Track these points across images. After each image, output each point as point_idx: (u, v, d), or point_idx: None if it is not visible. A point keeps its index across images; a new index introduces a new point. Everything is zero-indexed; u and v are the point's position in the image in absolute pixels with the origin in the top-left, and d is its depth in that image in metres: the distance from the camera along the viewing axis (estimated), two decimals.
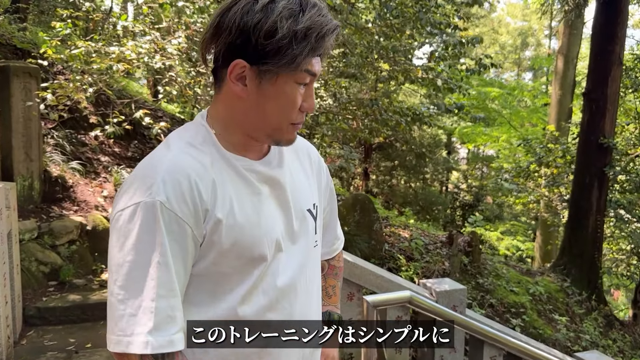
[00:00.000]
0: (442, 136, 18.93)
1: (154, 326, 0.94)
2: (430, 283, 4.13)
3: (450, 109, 5.33)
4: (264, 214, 1.08)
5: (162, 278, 0.95)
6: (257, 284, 1.07)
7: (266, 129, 1.06)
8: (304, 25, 0.97)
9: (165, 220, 0.95)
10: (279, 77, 1.00)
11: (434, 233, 8.70)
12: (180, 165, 0.99)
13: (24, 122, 5.24)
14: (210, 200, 1.00)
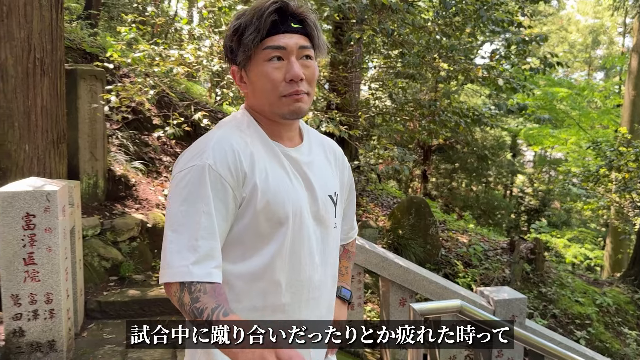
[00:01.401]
0: (507, 138, 18.31)
1: (196, 260, 1.13)
2: (488, 291, 3.99)
3: (512, 109, 5.10)
4: (292, 188, 1.26)
5: (205, 223, 1.15)
6: (284, 245, 1.25)
7: (265, 108, 1.27)
8: (247, 16, 1.21)
9: (211, 179, 1.16)
10: (252, 63, 1.24)
11: (494, 239, 8.40)
12: (226, 139, 1.22)
13: (89, 123, 5.47)
14: (249, 168, 1.21)
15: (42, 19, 4.49)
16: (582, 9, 27.30)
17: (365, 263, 3.77)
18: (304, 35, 1.24)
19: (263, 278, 1.25)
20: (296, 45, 1.22)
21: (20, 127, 4.49)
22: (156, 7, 12.87)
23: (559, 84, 17.03)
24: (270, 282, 1.25)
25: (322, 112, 5.20)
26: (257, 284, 1.25)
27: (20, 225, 3.15)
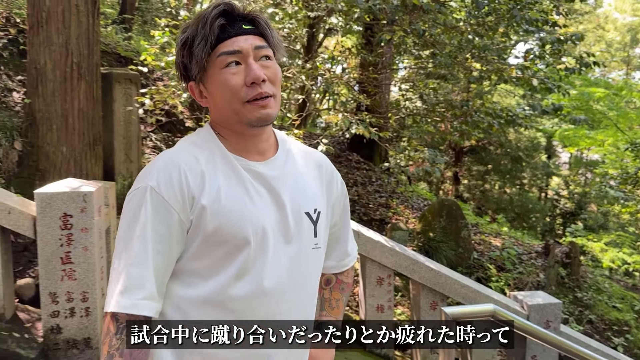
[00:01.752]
0: (541, 139, 17.92)
1: (124, 289, 1.06)
2: (522, 296, 3.91)
3: (546, 110, 5.00)
4: (251, 206, 1.14)
5: (137, 249, 1.07)
6: (243, 271, 1.13)
7: (230, 118, 1.16)
8: (192, 26, 1.13)
9: (153, 201, 1.08)
10: (207, 74, 1.15)
11: (528, 242, 8.24)
12: (174, 158, 1.13)
13: (124, 125, 5.59)
14: (198, 189, 1.11)
15: (79, 24, 4.62)
16: (620, 7, 26.54)
17: (395, 265, 3.74)
18: (258, 36, 1.15)
19: (220, 306, 1.13)
20: (251, 46, 1.13)
21: (58, 129, 4.62)
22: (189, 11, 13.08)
23: (596, 84, 16.56)
24: (228, 311, 1.14)
25: (352, 114, 5.19)
26: (213, 313, 1.14)
27: (58, 225, 3.24)
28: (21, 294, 3.83)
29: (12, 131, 4.65)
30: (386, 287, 3.82)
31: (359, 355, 3.64)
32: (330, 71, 5.60)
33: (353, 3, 4.59)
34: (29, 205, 3.48)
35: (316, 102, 11.96)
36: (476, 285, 3.96)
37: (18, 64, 5.90)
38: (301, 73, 5.22)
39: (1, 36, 5.90)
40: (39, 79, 4.57)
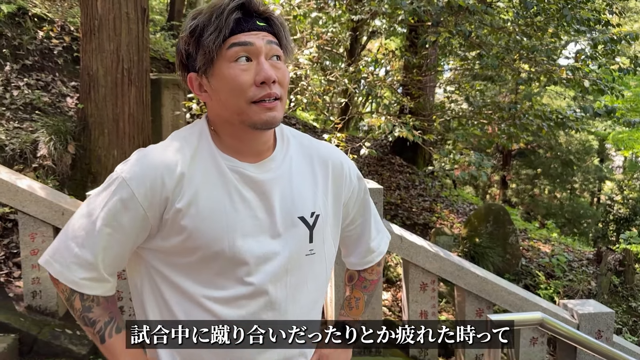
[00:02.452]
0: (594, 142, 17.32)
1: (69, 264, 1.11)
2: (572, 304, 3.78)
3: (599, 112, 4.81)
4: (233, 212, 1.10)
5: (89, 233, 1.09)
6: (220, 277, 1.10)
7: (233, 117, 1.10)
8: (204, 15, 1.07)
9: (121, 192, 1.07)
10: (214, 67, 1.08)
11: (579, 249, 7.96)
12: (155, 155, 1.10)
13: (172, 129, 5.72)
14: (174, 190, 1.07)
15: (130, 32, 4.77)
16: None
17: (440, 271, 3.68)
18: (271, 34, 1.10)
19: (201, 307, 1.11)
20: (263, 42, 1.07)
21: (109, 133, 4.78)
22: None
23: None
24: (208, 313, 1.11)
25: (395, 117, 5.15)
26: (196, 313, 1.11)
27: None
28: None
29: (66, 135, 4.84)
30: (430, 293, 3.76)
31: (401, 359, 3.60)
32: (373, 74, 5.57)
33: (397, 5, 4.55)
34: None
35: (359, 106, 11.94)
36: (524, 293, 3.85)
37: (72, 70, 6.15)
38: (344, 76, 5.22)
39: (56, 44, 6.16)
40: (91, 85, 4.74)
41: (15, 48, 5.76)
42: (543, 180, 16.22)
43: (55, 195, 3.62)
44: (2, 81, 5.42)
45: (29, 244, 3.47)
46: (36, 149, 4.80)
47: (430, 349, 3.75)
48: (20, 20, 6.03)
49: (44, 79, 5.82)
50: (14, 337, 3.25)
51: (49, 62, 6.02)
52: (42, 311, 3.52)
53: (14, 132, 4.92)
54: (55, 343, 3.32)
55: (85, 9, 4.72)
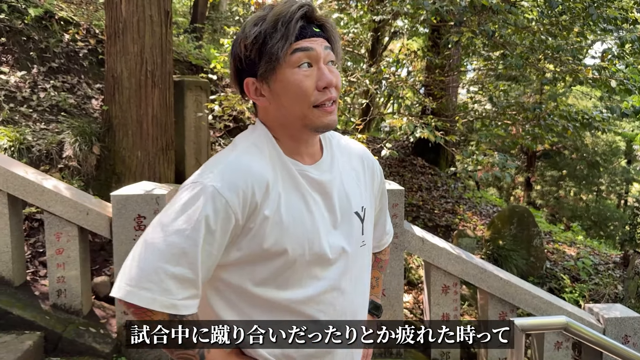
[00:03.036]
0: (621, 143, 16.96)
1: (164, 288, 1.03)
2: (598, 308, 3.70)
3: (626, 112, 4.71)
4: (309, 216, 1.15)
5: (185, 249, 1.04)
6: (300, 278, 1.14)
7: (295, 122, 1.14)
8: (269, 21, 1.09)
9: (215, 203, 1.05)
10: (277, 72, 1.10)
11: (606, 252, 7.79)
12: (240, 163, 1.11)
13: (195, 131, 5.78)
14: (262, 197, 1.09)
15: (153, 34, 4.83)
16: None
17: (462, 274, 3.64)
18: (325, 39, 1.14)
19: (283, 311, 1.15)
20: (322, 47, 1.12)
21: (133, 135, 4.84)
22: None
23: None
24: (290, 313, 1.16)
25: (417, 118, 5.11)
26: (271, 314, 1.15)
27: (132, 226, 3.39)
28: (97, 291, 4.03)
29: (91, 136, 4.92)
30: (452, 296, 3.72)
31: None
32: (394, 75, 5.54)
33: (419, 5, 4.53)
34: (106, 207, 3.66)
35: (380, 106, 11.89)
36: (548, 296, 3.78)
37: (97, 72, 6.25)
38: (365, 77, 5.20)
39: (82, 46, 6.27)
40: (115, 87, 4.81)
41: (42, 51, 5.88)
42: (568, 182, 15.95)
43: (80, 195, 3.68)
44: (30, 83, 5.53)
45: (55, 243, 3.53)
46: (62, 149, 4.89)
47: (452, 350, 3.71)
48: (47, 23, 6.15)
49: (69, 81, 5.93)
50: (40, 334, 3.31)
51: (75, 65, 6.13)
52: (67, 309, 3.57)
53: (41, 134, 5.02)
54: (79, 341, 3.37)
55: (110, 12, 4.79)
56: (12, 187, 3.50)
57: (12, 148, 4.60)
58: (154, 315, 1.06)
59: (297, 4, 1.10)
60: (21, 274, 3.74)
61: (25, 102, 5.33)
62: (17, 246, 3.68)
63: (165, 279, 1.03)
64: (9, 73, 5.48)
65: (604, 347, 2.26)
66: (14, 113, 5.14)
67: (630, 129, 16.46)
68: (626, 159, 17.78)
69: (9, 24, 5.80)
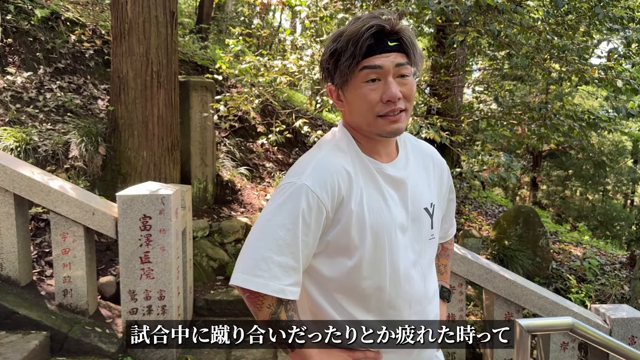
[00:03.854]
0: (627, 143, 16.88)
1: (273, 275, 1.18)
2: (605, 309, 3.68)
3: (632, 112, 4.68)
4: (386, 209, 1.28)
5: (287, 240, 1.19)
6: (382, 265, 1.28)
7: (363, 126, 1.29)
8: (343, 39, 1.22)
9: (308, 200, 1.19)
10: (348, 85, 1.25)
11: (612, 252, 7.75)
12: (327, 162, 1.25)
13: (200, 131, 5.79)
14: (347, 192, 1.24)
15: (159, 35, 4.84)
16: None
17: (468, 274, 3.63)
18: (401, 53, 1.24)
19: (362, 294, 1.29)
20: (392, 64, 1.22)
21: (139, 135, 4.86)
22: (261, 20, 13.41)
23: None
24: (372, 298, 1.30)
25: (422, 118, 5.10)
26: (357, 299, 1.30)
27: (137, 226, 3.40)
28: (103, 291, 4.05)
29: (97, 137, 4.94)
30: (457, 296, 3.71)
31: None
32: None
33: (425, 5, 4.51)
34: (112, 207, 3.67)
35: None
36: (554, 297, 3.76)
37: (103, 73, 6.27)
38: None
39: (88, 47, 6.30)
40: (121, 87, 4.82)
41: (48, 51, 5.91)
42: (574, 181, 15.89)
43: (86, 195, 3.69)
44: (36, 84, 5.56)
45: (61, 243, 3.55)
46: (68, 150, 4.91)
47: (458, 350, 3.70)
48: (53, 24, 6.18)
49: (75, 81, 5.95)
50: (46, 334, 3.33)
51: (81, 65, 6.16)
52: (73, 309, 3.59)
53: (47, 134, 5.05)
54: (85, 341, 3.38)
55: (116, 13, 4.81)
56: (19, 187, 3.51)
57: (19, 148, 4.62)
58: (265, 300, 1.20)
59: (368, 23, 1.20)
60: (27, 274, 3.76)
61: (32, 102, 5.36)
62: (24, 246, 3.69)
63: (273, 266, 1.18)
64: (15, 74, 5.51)
65: (611, 348, 2.25)
66: (21, 113, 5.16)
67: (636, 128, 16.37)
68: (632, 158, 17.70)
69: (16, 24, 5.83)
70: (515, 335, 2.11)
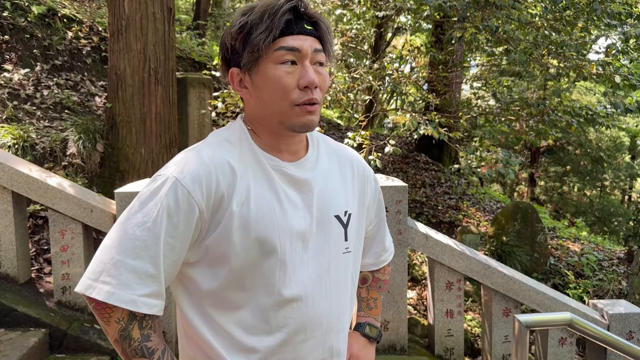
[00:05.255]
0: (625, 139, 16.91)
1: (123, 282, 0.99)
2: (602, 304, 3.70)
3: (630, 108, 4.68)
4: (279, 212, 1.09)
5: (146, 242, 1.00)
6: (270, 278, 1.08)
7: (274, 117, 1.10)
8: (256, 13, 1.06)
9: (176, 193, 1.02)
10: (259, 66, 1.07)
11: (610, 248, 7.78)
12: (207, 155, 1.07)
13: (198, 128, 5.78)
14: (228, 189, 1.05)
15: (156, 31, 4.82)
16: None
17: (466, 270, 3.64)
18: (317, 39, 1.10)
19: (245, 314, 1.10)
20: (311, 48, 1.08)
21: (136, 132, 4.85)
22: None
23: None
24: (255, 318, 1.10)
25: (420, 114, 5.10)
26: (238, 319, 1.10)
27: None
28: None
29: (94, 134, 4.93)
30: (456, 292, 3.72)
31: (426, 358, 3.57)
32: (398, 71, 5.53)
33: (423, 1, 4.51)
34: (110, 204, 3.67)
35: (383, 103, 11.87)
36: (552, 292, 3.77)
37: (100, 70, 6.25)
38: (368, 74, 5.19)
39: (85, 44, 6.28)
40: (119, 84, 4.81)
41: (45, 48, 5.89)
42: (572, 177, 15.91)
43: (84, 193, 3.69)
44: (33, 81, 5.54)
45: (59, 241, 3.54)
46: (66, 147, 4.90)
47: (456, 346, 3.71)
48: (49, 21, 6.16)
49: (73, 78, 5.94)
50: (45, 331, 3.33)
51: (78, 62, 6.14)
52: (72, 306, 3.59)
53: (44, 131, 5.04)
54: (84, 338, 3.38)
55: (113, 9, 4.79)
56: (17, 184, 3.51)
57: (16, 146, 4.61)
58: (113, 313, 1.01)
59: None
60: (26, 271, 3.76)
61: (29, 99, 5.34)
62: (22, 244, 3.69)
63: (124, 272, 0.99)
64: (12, 71, 5.49)
65: (608, 343, 2.26)
66: (18, 111, 5.15)
67: (634, 124, 16.41)
68: (630, 154, 17.73)
69: (12, 21, 5.81)
70: (513, 330, 2.12)
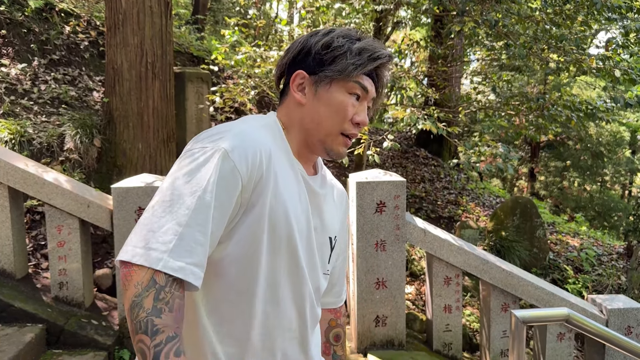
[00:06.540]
0: (625, 133, 16.88)
1: (172, 248, 0.94)
2: (601, 299, 3.69)
3: (630, 102, 4.66)
4: (299, 206, 1.14)
5: (196, 209, 0.97)
6: (287, 273, 1.14)
7: (319, 133, 1.16)
8: (359, 45, 1.14)
9: (223, 166, 1.01)
10: (332, 84, 1.14)
11: (609, 243, 7.77)
12: (252, 133, 1.09)
13: (196, 123, 5.76)
14: (266, 171, 1.07)
15: (153, 25, 4.80)
16: None
17: (464, 265, 3.62)
18: (376, 89, 1.22)
19: (246, 296, 1.10)
20: (372, 94, 1.20)
21: (134, 127, 4.83)
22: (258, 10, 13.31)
23: None
24: (248, 307, 1.11)
25: (420, 109, 5.08)
26: (234, 303, 1.10)
27: (133, 218, 3.38)
28: (99, 284, 4.03)
29: (92, 129, 4.91)
30: (454, 287, 3.70)
31: (425, 355, 3.56)
32: (397, 65, 5.50)
33: None
34: (107, 200, 3.65)
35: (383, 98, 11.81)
36: (551, 288, 3.76)
37: (98, 64, 6.22)
38: None
39: (83, 39, 6.25)
40: (116, 79, 4.79)
41: (42, 43, 5.86)
42: (572, 172, 15.90)
43: (81, 188, 3.67)
44: (30, 76, 5.52)
45: (56, 236, 3.53)
46: (63, 142, 4.88)
47: (454, 341, 3.70)
48: (47, 15, 6.12)
49: (70, 73, 5.91)
50: (42, 327, 3.32)
51: (76, 57, 6.11)
52: (69, 302, 3.58)
53: (42, 126, 5.01)
54: (81, 333, 3.37)
55: (110, 3, 4.76)
56: (13, 180, 3.49)
57: (13, 141, 4.59)
58: (135, 275, 0.93)
59: (388, 53, 1.17)
60: (23, 266, 3.74)
61: (26, 94, 5.32)
62: (19, 239, 3.67)
63: (174, 239, 0.94)
64: (9, 65, 5.46)
65: (605, 338, 2.25)
66: (15, 106, 5.13)
67: (634, 119, 16.37)
68: (630, 149, 17.70)
69: (9, 16, 5.78)
70: (510, 326, 2.11)
